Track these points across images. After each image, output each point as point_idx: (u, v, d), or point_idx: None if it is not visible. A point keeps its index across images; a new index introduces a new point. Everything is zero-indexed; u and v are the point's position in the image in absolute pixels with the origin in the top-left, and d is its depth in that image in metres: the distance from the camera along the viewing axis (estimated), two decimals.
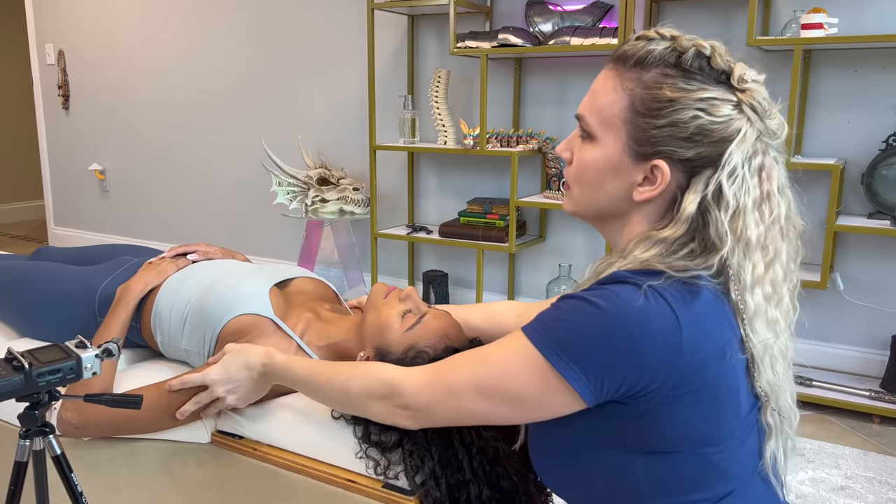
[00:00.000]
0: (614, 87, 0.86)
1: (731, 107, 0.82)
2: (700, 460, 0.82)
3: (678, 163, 0.83)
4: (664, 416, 0.80)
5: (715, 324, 0.80)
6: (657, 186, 0.85)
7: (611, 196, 0.88)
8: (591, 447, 0.86)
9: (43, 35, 4.65)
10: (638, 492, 0.84)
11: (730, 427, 0.82)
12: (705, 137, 0.82)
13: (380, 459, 1.09)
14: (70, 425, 1.23)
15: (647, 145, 0.84)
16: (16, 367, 0.90)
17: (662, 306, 0.78)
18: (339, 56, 3.48)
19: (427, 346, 1.14)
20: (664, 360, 0.77)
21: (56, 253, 1.86)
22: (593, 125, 0.88)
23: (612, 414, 0.82)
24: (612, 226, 0.91)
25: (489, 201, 2.98)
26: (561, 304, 0.84)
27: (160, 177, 4.30)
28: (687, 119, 0.82)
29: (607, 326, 0.78)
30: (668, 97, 0.82)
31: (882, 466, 2.02)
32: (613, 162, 0.87)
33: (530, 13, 2.86)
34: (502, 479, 1.06)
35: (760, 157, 0.83)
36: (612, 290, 0.80)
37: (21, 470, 0.95)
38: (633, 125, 0.84)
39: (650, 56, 0.84)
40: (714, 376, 0.79)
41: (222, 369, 1.15)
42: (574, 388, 0.80)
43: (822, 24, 2.20)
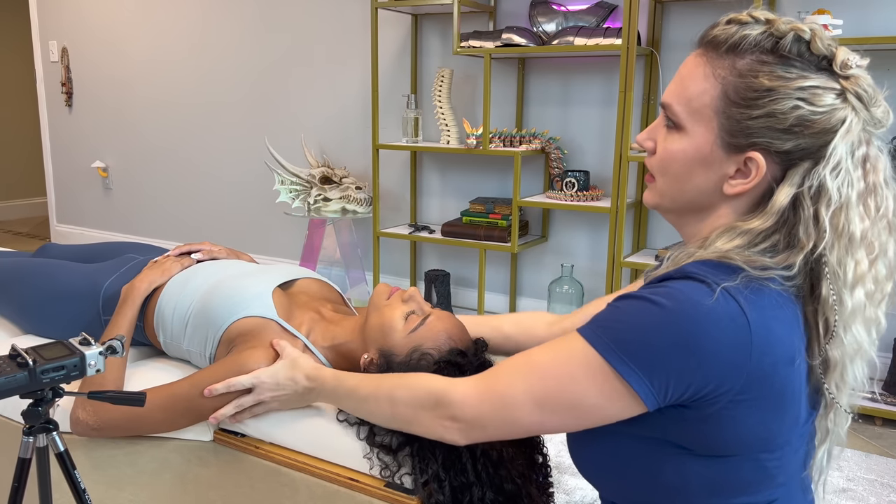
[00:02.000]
0: (705, 74, 0.80)
1: (835, 95, 0.76)
2: (754, 466, 0.80)
3: (774, 155, 0.78)
4: (726, 420, 0.76)
5: (785, 329, 0.76)
6: (751, 180, 0.80)
7: (699, 189, 0.83)
8: (640, 445, 0.82)
9: (47, 32, 4.66)
10: (685, 493, 0.81)
11: (788, 435, 0.80)
12: (806, 129, 0.76)
13: (386, 461, 1.09)
14: (86, 426, 1.23)
15: (742, 137, 0.79)
16: (20, 364, 0.90)
17: (732, 306, 0.74)
18: (342, 55, 3.48)
19: (431, 348, 1.14)
20: (733, 364, 0.73)
21: (60, 250, 1.86)
22: (681, 114, 0.82)
23: (672, 417, 0.78)
24: (695, 219, 0.86)
25: (492, 201, 2.98)
26: (620, 303, 0.79)
27: (163, 175, 4.30)
28: (786, 109, 0.76)
29: (673, 327, 0.73)
30: (766, 86, 0.77)
31: (884, 469, 2.02)
32: (704, 153, 0.81)
33: (534, 13, 2.86)
34: (506, 482, 1.06)
35: (864, 147, 0.78)
36: (676, 288, 0.76)
37: (24, 467, 0.95)
38: (727, 115, 0.79)
39: (745, 42, 0.78)
40: (781, 383, 0.76)
41: (272, 373, 1.15)
42: (637, 392, 0.75)
43: (827, 25, 2.19)
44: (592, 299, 2.96)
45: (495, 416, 0.84)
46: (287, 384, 1.14)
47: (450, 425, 0.88)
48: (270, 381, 1.15)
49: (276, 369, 1.16)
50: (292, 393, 1.15)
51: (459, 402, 0.87)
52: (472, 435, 0.88)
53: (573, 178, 2.77)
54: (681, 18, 2.66)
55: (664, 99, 0.85)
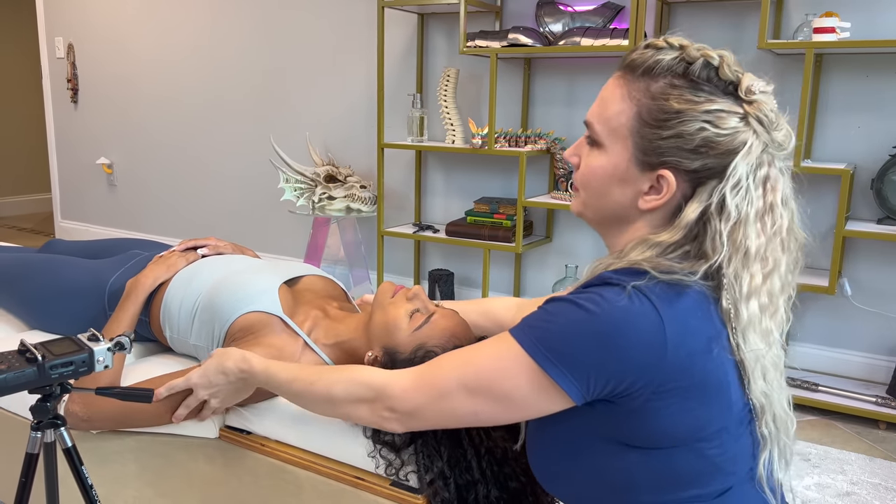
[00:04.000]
0: (622, 96, 0.87)
1: (738, 119, 0.82)
2: (695, 455, 0.83)
3: (683, 173, 0.84)
4: (653, 412, 0.81)
5: (699, 321, 0.81)
6: (663, 196, 0.86)
7: (617, 203, 0.89)
8: (586, 445, 0.87)
9: (53, 28, 4.66)
10: (634, 488, 0.85)
11: (722, 422, 0.83)
12: (711, 149, 0.82)
13: (391, 459, 1.09)
14: (77, 418, 1.23)
15: (654, 155, 0.85)
16: (29, 360, 0.90)
17: (646, 305, 0.80)
18: (348, 53, 3.48)
19: (436, 346, 1.14)
20: (649, 358, 0.79)
21: (66, 246, 1.86)
22: (601, 133, 0.89)
23: (604, 412, 0.84)
24: (615, 230, 0.92)
25: (496, 201, 2.98)
26: (547, 306, 0.85)
27: (167, 172, 4.31)
28: (693, 131, 0.82)
29: (592, 327, 0.79)
30: (675, 108, 0.83)
31: (888, 473, 2.02)
32: (620, 170, 0.88)
33: (541, 13, 2.86)
34: (510, 480, 1.06)
35: (766, 168, 0.84)
36: (596, 292, 0.82)
37: (32, 461, 0.95)
38: (640, 135, 0.85)
39: (658, 66, 0.84)
40: (701, 372, 0.80)
41: (202, 373, 1.17)
42: (561, 386, 0.81)
43: (835, 28, 2.19)
44: None
45: (431, 405, 0.90)
46: (218, 378, 1.15)
47: (388, 415, 0.93)
48: (201, 380, 1.17)
49: (204, 367, 1.17)
50: (226, 385, 1.16)
51: (398, 394, 0.92)
52: (409, 424, 0.93)
53: None
54: (688, 19, 2.66)
55: (586, 118, 0.91)
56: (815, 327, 2.60)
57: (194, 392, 1.19)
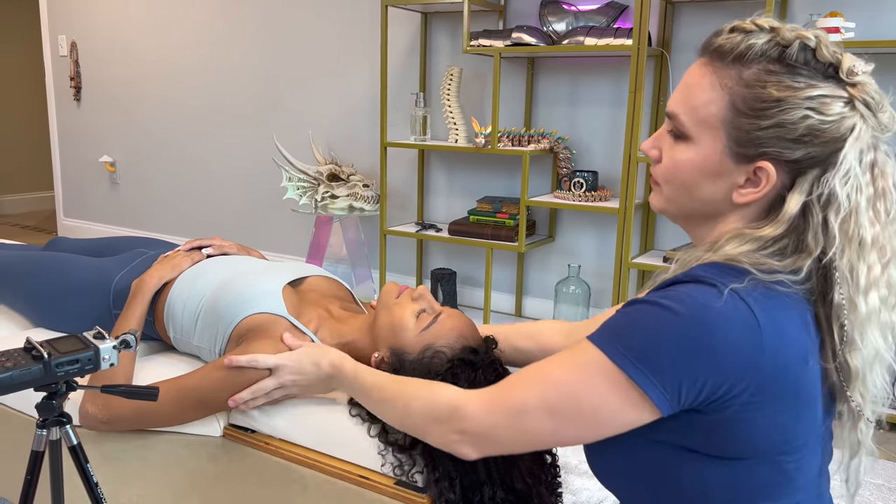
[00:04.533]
0: (711, 84, 0.80)
1: (843, 104, 0.76)
2: (773, 468, 0.79)
3: (784, 164, 0.78)
4: (742, 422, 0.76)
5: (796, 329, 0.76)
6: (761, 189, 0.80)
7: (707, 198, 0.83)
8: (658, 450, 0.82)
9: (56, 26, 4.67)
10: (704, 498, 0.80)
11: (806, 437, 0.80)
12: (816, 138, 0.76)
13: (397, 459, 1.09)
14: (95, 420, 1.23)
15: (751, 147, 0.79)
16: (35, 357, 0.90)
17: (742, 309, 0.74)
18: (351, 52, 3.48)
19: (444, 346, 1.13)
20: (745, 365, 0.73)
21: (70, 244, 1.86)
22: (688, 124, 0.82)
23: (687, 422, 0.78)
24: (704, 226, 0.86)
25: (499, 200, 2.97)
26: (629, 309, 0.79)
27: (170, 170, 4.31)
28: (796, 119, 0.76)
29: (684, 331, 0.73)
30: (775, 97, 0.76)
31: (891, 474, 2.02)
32: (712, 164, 0.81)
33: (544, 12, 2.86)
34: (516, 481, 1.06)
35: (872, 152, 0.78)
36: (685, 292, 0.76)
37: (37, 459, 0.96)
38: (735, 126, 0.79)
39: (751, 51, 0.78)
40: (795, 383, 0.76)
41: (296, 358, 1.16)
42: (651, 398, 0.75)
43: (839, 28, 2.18)
44: (599, 300, 2.97)
45: (507, 426, 0.83)
46: (310, 369, 1.15)
47: (459, 438, 0.87)
48: (293, 364, 1.16)
49: (300, 353, 1.16)
50: (314, 378, 1.15)
51: (471, 414, 0.86)
52: (483, 448, 0.87)
53: (581, 178, 2.76)
54: (692, 19, 2.65)
55: (669, 108, 0.85)
56: None
57: (277, 373, 1.16)
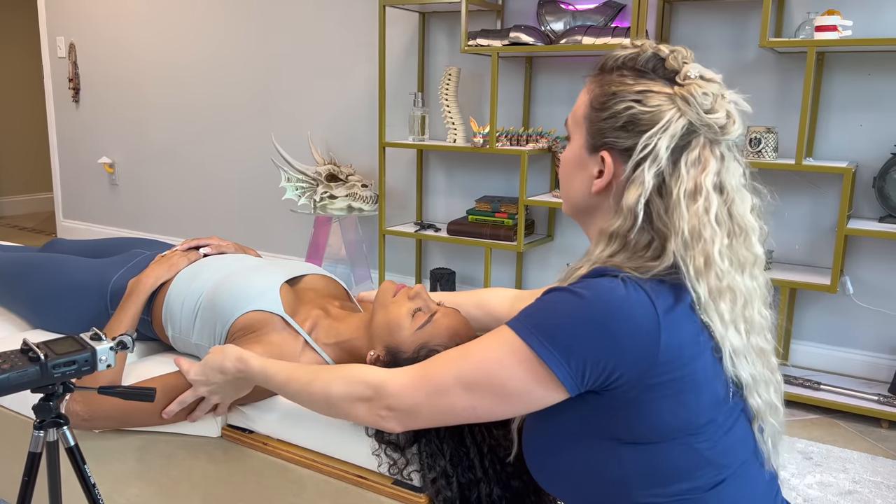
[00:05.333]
0: (585, 91, 0.93)
1: (664, 98, 0.85)
2: (685, 449, 0.84)
3: (619, 154, 0.88)
4: (646, 405, 0.82)
5: (686, 315, 0.83)
6: (604, 177, 0.89)
7: (578, 191, 0.94)
8: (579, 441, 0.88)
9: (54, 28, 4.67)
10: (627, 483, 0.86)
11: (710, 414, 0.84)
12: (637, 126, 0.86)
13: (394, 458, 1.09)
14: (78, 417, 1.23)
15: (597, 137, 0.89)
16: (32, 359, 0.90)
17: (641, 295, 0.81)
18: (349, 52, 3.48)
19: (439, 345, 1.14)
20: (644, 346, 0.80)
21: (68, 245, 1.87)
22: (569, 125, 0.95)
23: (596, 406, 0.85)
24: (587, 222, 0.96)
25: (498, 200, 2.98)
26: (545, 296, 0.87)
27: (169, 171, 4.31)
28: (622, 109, 0.86)
29: (589, 313, 0.81)
30: (612, 91, 0.88)
31: (890, 471, 2.02)
32: (577, 156, 0.93)
33: (542, 12, 2.86)
34: (513, 479, 1.06)
35: (698, 150, 0.85)
36: (593, 282, 0.83)
37: (35, 461, 0.96)
38: (589, 120, 0.90)
39: (613, 61, 0.90)
40: (690, 363, 0.82)
41: (201, 370, 1.17)
42: (557, 375, 0.82)
43: (837, 26, 2.18)
44: None
45: (429, 402, 0.90)
46: (217, 377, 1.16)
47: (386, 414, 0.93)
48: (199, 377, 1.17)
49: (202, 364, 1.17)
50: (227, 383, 1.16)
51: (396, 392, 0.91)
52: (407, 422, 0.93)
53: None
54: (689, 18, 2.65)
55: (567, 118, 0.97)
56: (817, 326, 2.59)
57: (193, 388, 1.19)
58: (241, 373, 1.12)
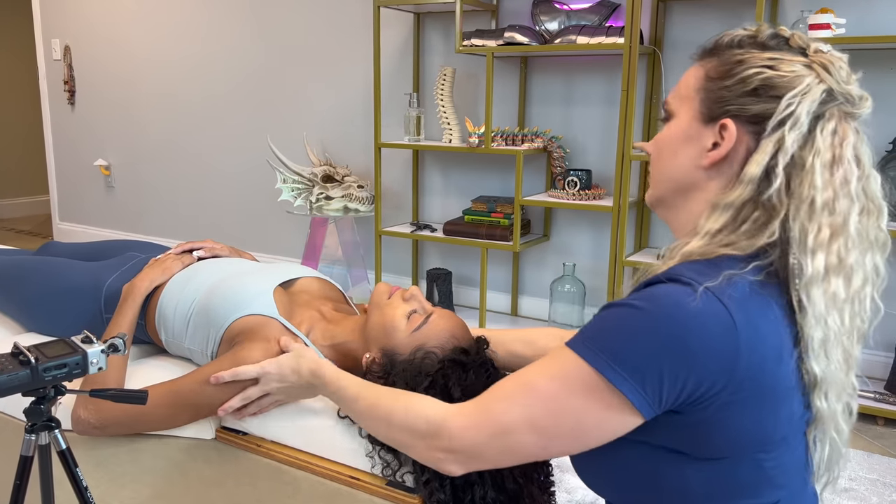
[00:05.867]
0: (694, 70, 0.88)
1: (801, 65, 0.80)
2: (753, 466, 0.80)
3: (745, 122, 0.81)
4: (721, 422, 0.76)
5: (770, 326, 0.77)
6: (724, 146, 0.82)
7: (682, 167, 0.86)
8: (639, 451, 0.82)
9: (49, 30, 4.66)
10: (685, 497, 0.81)
11: (784, 432, 0.80)
12: (770, 90, 0.80)
13: (388, 460, 1.09)
14: (88, 425, 1.23)
15: (716, 106, 0.83)
16: (22, 362, 0.90)
17: (717, 307, 0.74)
18: (344, 53, 3.48)
19: (435, 347, 1.13)
20: (723, 363, 0.74)
21: (62, 248, 1.86)
22: (672, 104, 0.89)
23: (666, 423, 0.78)
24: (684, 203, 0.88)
25: (494, 200, 2.97)
26: (604, 314, 0.79)
27: (165, 173, 4.30)
28: (752, 74, 0.81)
29: (660, 331, 0.74)
30: (738, 59, 0.83)
31: (886, 469, 2.02)
32: (684, 130, 0.86)
33: (536, 11, 2.86)
34: (507, 481, 1.06)
35: (836, 121, 0.80)
36: (660, 292, 0.76)
37: (26, 464, 0.95)
38: (706, 91, 0.85)
39: (729, 39, 0.85)
40: (771, 380, 0.76)
41: (278, 366, 1.15)
42: (632, 401, 0.75)
43: (830, 24, 2.19)
44: (594, 298, 2.98)
45: (493, 444, 0.83)
46: (291, 376, 1.14)
47: (444, 457, 0.86)
48: (275, 371, 1.15)
49: (280, 360, 1.16)
50: (296, 384, 1.15)
51: (455, 432, 0.85)
52: (469, 465, 0.86)
53: (575, 176, 2.77)
54: (683, 17, 2.66)
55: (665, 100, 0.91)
56: None
57: (261, 381, 1.16)
58: (316, 378, 1.10)
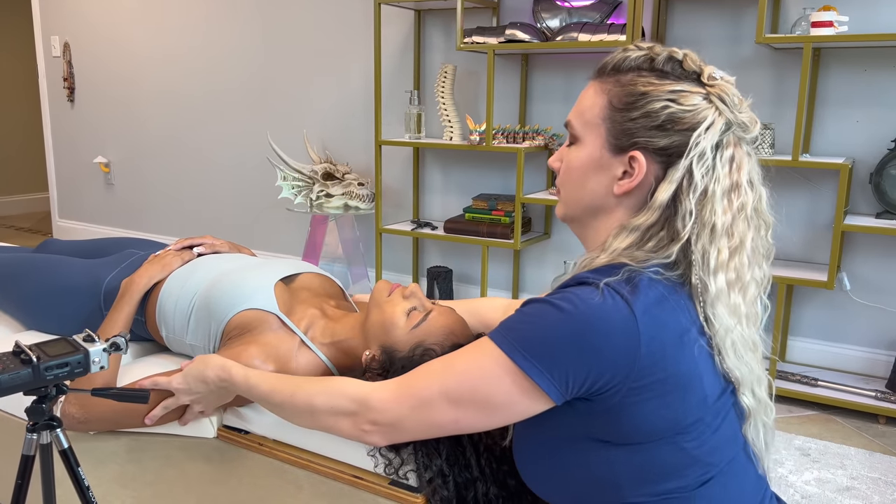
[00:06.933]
0: (594, 91, 0.92)
1: (701, 97, 0.87)
2: (673, 449, 0.85)
3: (653, 153, 0.88)
4: (631, 408, 0.82)
5: (669, 314, 0.84)
6: (635, 177, 0.88)
7: (594, 192, 0.92)
8: (568, 444, 0.89)
9: (48, 27, 4.65)
10: (616, 484, 0.86)
11: (697, 414, 0.85)
12: (676, 125, 0.86)
13: (390, 458, 1.09)
14: (73, 419, 1.23)
15: (624, 138, 0.89)
16: (24, 361, 0.89)
17: (617, 301, 0.82)
18: (345, 50, 3.47)
19: (434, 344, 1.13)
20: (624, 352, 0.81)
21: (62, 245, 1.86)
22: (577, 128, 0.93)
23: (583, 411, 0.85)
24: (595, 223, 0.94)
25: (494, 197, 2.97)
26: (525, 308, 0.87)
27: (165, 170, 4.30)
28: (658, 108, 0.86)
29: (568, 325, 0.81)
30: (641, 91, 0.88)
31: (887, 467, 2.02)
32: (594, 158, 0.91)
33: (538, 9, 2.85)
34: (509, 478, 1.06)
35: (732, 148, 0.87)
36: (572, 292, 0.84)
37: (28, 463, 0.95)
38: (612, 120, 0.89)
39: (626, 61, 0.90)
40: (674, 364, 0.82)
41: (183, 378, 1.16)
42: (541, 386, 0.83)
43: (833, 22, 2.18)
44: None
45: (413, 416, 0.90)
46: (199, 386, 1.15)
47: (370, 428, 0.93)
48: (182, 385, 1.16)
49: (185, 372, 1.16)
50: (209, 392, 1.15)
51: (379, 406, 0.91)
52: (391, 436, 0.93)
53: None
54: (685, 15, 2.65)
55: (567, 118, 0.96)
56: (814, 322, 2.59)
57: (176, 396, 1.18)
58: (223, 382, 1.11)
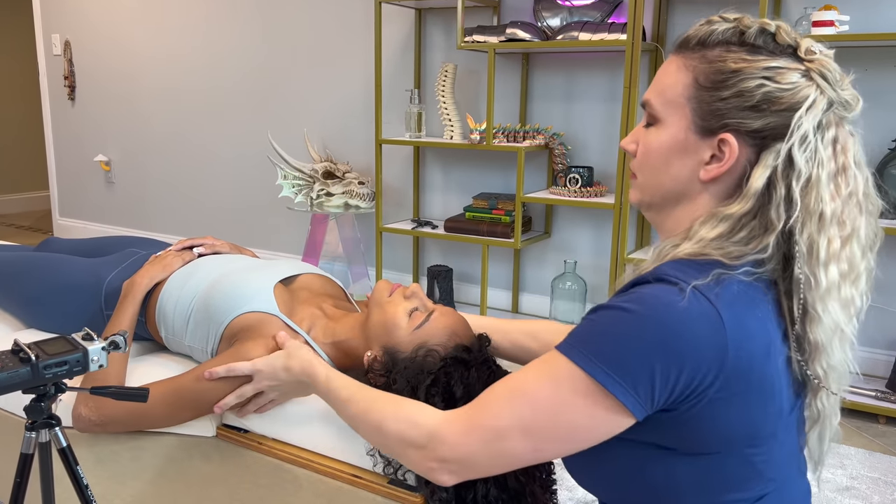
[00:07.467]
0: (677, 67, 0.84)
1: (800, 74, 0.79)
2: (741, 461, 0.80)
3: (746, 136, 0.80)
4: (711, 417, 0.77)
5: (758, 323, 0.77)
6: (725, 162, 0.81)
7: (677, 178, 0.84)
8: (625, 448, 0.82)
9: (49, 25, 4.65)
10: (675, 491, 0.81)
11: (773, 427, 0.80)
12: (772, 105, 0.78)
13: (389, 458, 1.09)
14: (89, 422, 1.22)
15: (713, 119, 0.81)
16: (22, 359, 0.89)
17: (705, 306, 0.74)
18: (345, 49, 3.47)
19: (437, 345, 1.13)
20: (711, 360, 0.74)
21: (63, 244, 1.86)
22: (657, 107, 0.85)
23: (657, 420, 0.78)
24: (675, 210, 0.86)
25: (495, 196, 2.97)
26: (594, 316, 0.79)
27: (166, 169, 4.30)
28: (753, 87, 0.78)
29: (649, 333, 0.74)
30: (733, 68, 0.80)
31: (887, 467, 2.02)
32: (679, 141, 0.83)
33: (538, 8, 2.85)
34: (509, 479, 1.05)
35: (834, 128, 0.79)
36: (646, 293, 0.76)
37: (27, 462, 0.95)
38: (698, 100, 0.81)
39: (713, 35, 0.82)
40: (759, 376, 0.76)
41: (269, 363, 1.15)
42: (624, 403, 0.75)
43: (834, 21, 2.18)
44: (595, 296, 2.97)
45: (485, 450, 0.81)
46: (282, 374, 1.14)
47: (438, 466, 0.85)
48: (267, 369, 1.15)
49: (272, 359, 1.15)
50: (289, 382, 1.14)
51: (448, 441, 0.83)
52: (463, 474, 0.85)
53: (577, 173, 2.76)
54: (686, 14, 2.65)
55: (644, 97, 0.88)
56: None
57: (254, 380, 1.16)
58: (306, 375, 1.09)
